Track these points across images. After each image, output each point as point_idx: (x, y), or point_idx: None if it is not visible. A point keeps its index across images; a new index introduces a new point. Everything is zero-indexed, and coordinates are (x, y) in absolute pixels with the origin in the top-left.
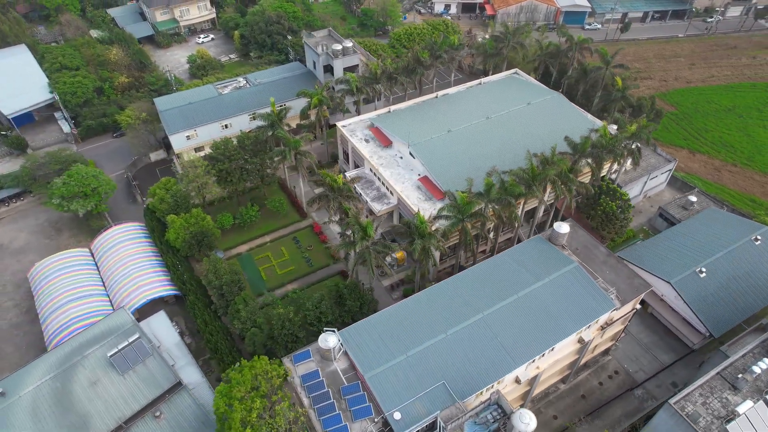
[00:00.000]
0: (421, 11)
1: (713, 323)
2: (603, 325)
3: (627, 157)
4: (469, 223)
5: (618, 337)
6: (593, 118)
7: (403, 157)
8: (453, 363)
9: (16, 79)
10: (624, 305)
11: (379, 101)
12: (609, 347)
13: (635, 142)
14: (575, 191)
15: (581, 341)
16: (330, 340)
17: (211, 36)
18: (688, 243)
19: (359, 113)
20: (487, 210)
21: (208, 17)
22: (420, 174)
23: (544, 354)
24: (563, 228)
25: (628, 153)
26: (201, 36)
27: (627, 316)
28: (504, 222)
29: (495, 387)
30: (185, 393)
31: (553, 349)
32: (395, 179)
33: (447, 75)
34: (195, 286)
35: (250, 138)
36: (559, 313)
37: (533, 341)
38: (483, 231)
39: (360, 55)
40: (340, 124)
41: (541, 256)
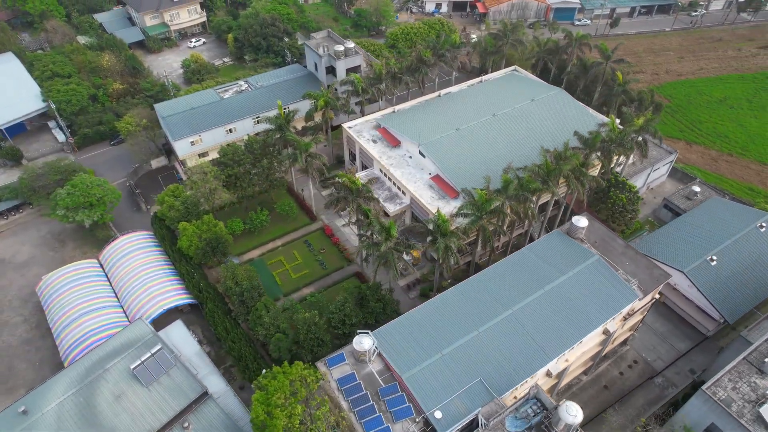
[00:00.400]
0: (413, 10)
1: (728, 310)
2: (625, 316)
3: (635, 150)
4: (487, 220)
5: (636, 327)
6: (595, 112)
7: (413, 157)
8: (487, 359)
9: (6, 88)
10: (646, 295)
11: (381, 101)
12: (627, 337)
13: (642, 135)
14: (588, 185)
15: (606, 332)
16: (365, 342)
17: (203, 40)
18: (696, 232)
19: (363, 114)
20: (505, 206)
21: (198, 21)
22: (431, 173)
23: (573, 347)
24: (582, 222)
25: (637, 146)
26: (192, 40)
27: (647, 306)
28: (521, 218)
29: (529, 381)
30: (212, 402)
31: (581, 342)
32: (407, 179)
33: (446, 74)
34: (212, 293)
35: (258, 142)
36: (586, 306)
37: (564, 334)
38: (502, 227)
39: (362, 56)
40: (346, 125)
41: (562, 250)
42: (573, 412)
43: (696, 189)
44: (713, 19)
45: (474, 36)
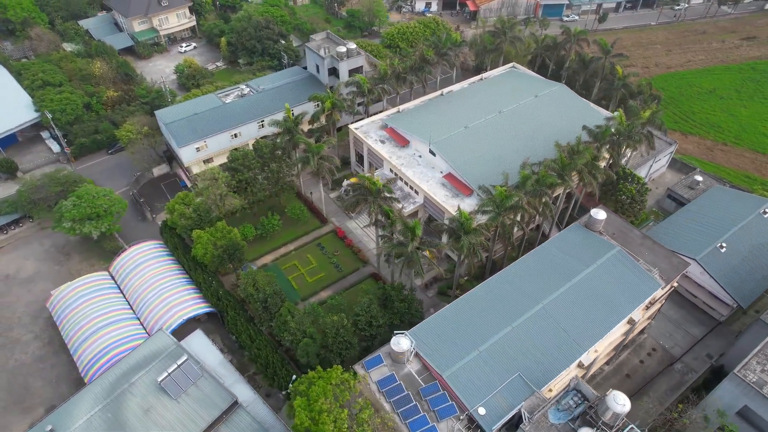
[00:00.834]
0: (403, 10)
1: (740, 295)
2: (647, 305)
3: (643, 143)
4: (506, 216)
5: (653, 316)
6: (596, 107)
7: (422, 156)
8: (524, 354)
9: None
10: (667, 284)
11: (384, 102)
12: (645, 326)
13: (647, 127)
14: (600, 179)
15: (630, 322)
16: (403, 342)
17: (193, 44)
18: (702, 221)
19: (368, 115)
20: (523, 202)
21: (188, 25)
22: (442, 171)
23: (604, 337)
24: (600, 214)
25: (645, 138)
26: (183, 45)
27: (666, 294)
28: (539, 213)
29: (564, 373)
30: (243, 411)
31: (610, 332)
32: (419, 178)
33: (443, 73)
34: (232, 301)
35: (268, 146)
36: (612, 296)
37: (594, 325)
38: (521, 223)
39: (364, 56)
40: (352, 126)
41: (584, 243)
42: (621, 401)
43: (698, 178)
44: (696, 13)
45: (467, 34)
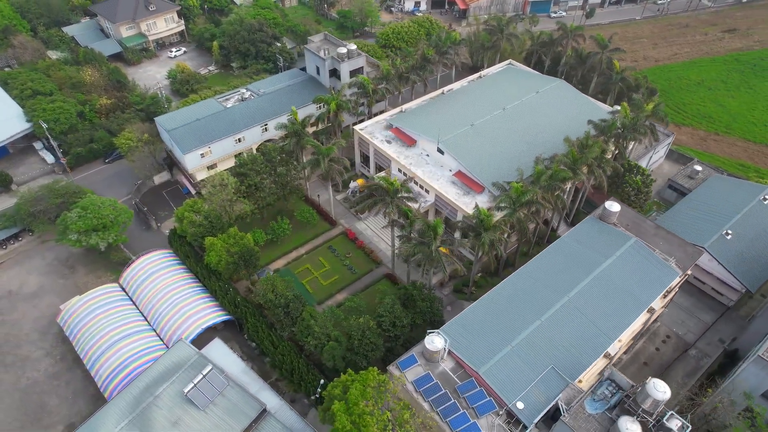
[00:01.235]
0: (393, 9)
1: (749, 280)
2: (665, 294)
3: (648, 135)
4: (522, 212)
5: (667, 304)
6: (596, 101)
7: (430, 155)
8: (555, 347)
9: None
10: (684, 272)
11: (386, 102)
12: (659, 314)
13: (650, 119)
14: (608, 171)
15: (650, 310)
16: (437, 341)
17: (183, 49)
18: (706, 209)
19: (371, 116)
20: (538, 197)
21: (176, 30)
22: (451, 170)
23: (629, 327)
24: (614, 207)
25: (649, 130)
26: (173, 50)
27: (680, 282)
28: (553, 207)
29: (595, 363)
30: (272, 419)
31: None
32: (429, 177)
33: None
34: (251, 308)
35: (276, 149)
36: (633, 287)
37: (619, 315)
38: (536, 217)
39: (365, 57)
40: (357, 127)
41: (600, 235)
42: (661, 388)
43: (698, 168)
44: (678, 6)
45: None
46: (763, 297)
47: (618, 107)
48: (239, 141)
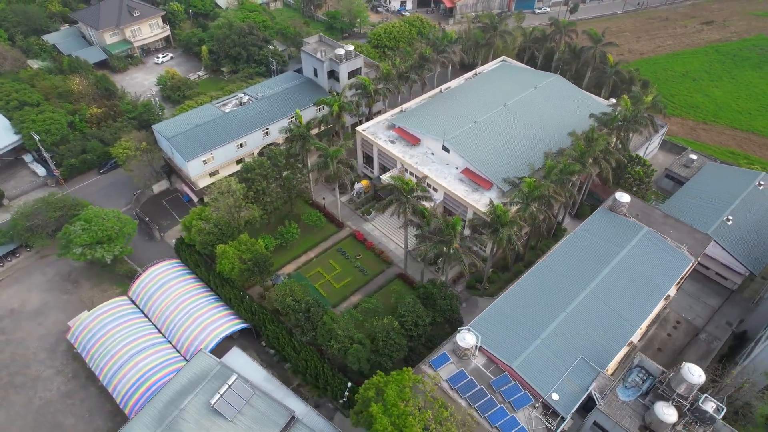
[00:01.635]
0: (379, 9)
1: (752, 263)
2: (678, 280)
3: (648, 126)
4: (534, 207)
5: (676, 290)
6: (590, 94)
7: (435, 153)
8: (582, 337)
9: None
10: (696, 258)
11: (386, 102)
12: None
13: (648, 111)
14: (613, 163)
15: (666, 297)
16: (468, 338)
17: (170, 55)
18: (705, 197)
19: (371, 116)
20: (550, 191)
21: (162, 35)
22: (458, 167)
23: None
24: (625, 198)
25: (649, 122)
26: (159, 56)
27: (690, 268)
28: (564, 201)
29: (623, 351)
30: (301, 426)
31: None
32: (436, 175)
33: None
34: (268, 314)
35: (282, 153)
36: (651, 275)
37: (640, 304)
38: (549, 211)
39: (363, 58)
40: (359, 128)
41: (613, 226)
42: (696, 372)
43: (693, 157)
44: (657, 0)
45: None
46: (764, 279)
47: (614, 100)
48: (241, 146)
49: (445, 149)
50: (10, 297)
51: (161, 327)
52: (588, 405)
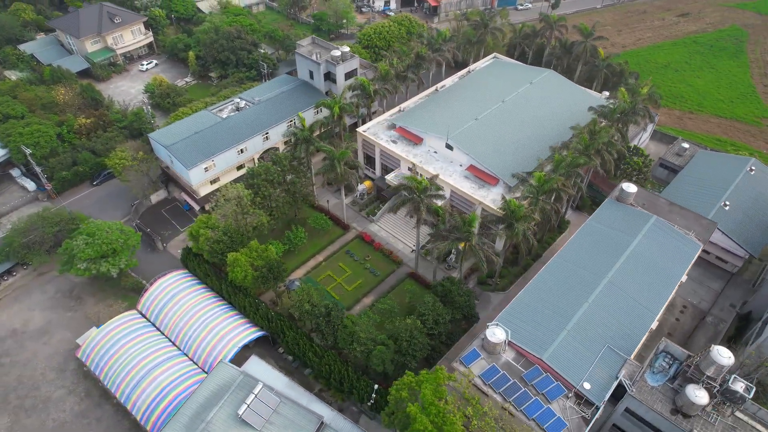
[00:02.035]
0: (363, 10)
1: (751, 246)
2: None
3: (646, 117)
4: (544, 200)
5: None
6: (584, 88)
7: (438, 152)
8: (606, 326)
9: None
10: (704, 244)
11: (384, 103)
12: None
13: (644, 102)
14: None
15: (679, 283)
16: (498, 333)
17: (154, 61)
18: (700, 184)
19: (370, 117)
20: (559, 184)
21: (144, 42)
22: (462, 164)
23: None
24: (631, 188)
25: (646, 113)
26: (144, 63)
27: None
28: (575, 193)
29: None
30: (330, 431)
31: None
32: (442, 174)
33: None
34: (286, 321)
35: (287, 157)
36: (664, 262)
37: (657, 291)
38: (559, 205)
39: (358, 59)
40: (360, 129)
41: (622, 216)
42: (726, 354)
43: (685, 146)
44: None
45: (434, 29)
46: (761, 261)
47: (607, 93)
48: (241, 152)
49: (449, 147)
50: (10, 317)
51: (175, 340)
52: (616, 392)
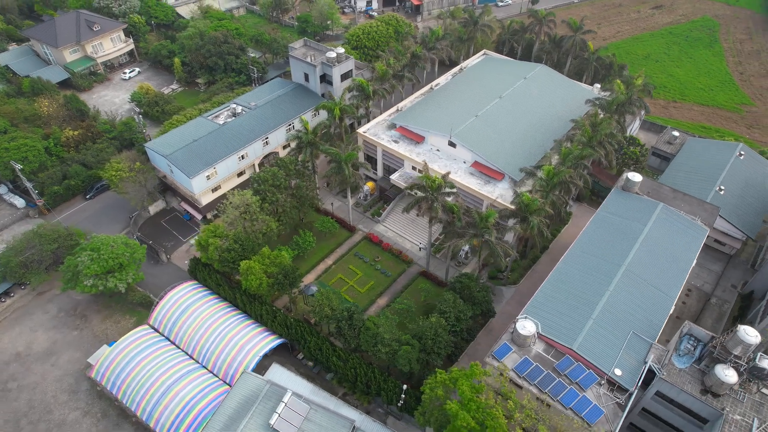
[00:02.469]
0: (345, 11)
1: (748, 228)
2: None
3: (642, 107)
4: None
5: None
6: (576, 82)
7: (441, 150)
8: (628, 313)
9: None
10: (710, 228)
11: (382, 102)
12: None
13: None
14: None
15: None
16: (528, 326)
17: (137, 69)
18: (694, 170)
19: (368, 118)
20: (567, 177)
21: (125, 49)
22: (466, 161)
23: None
24: (636, 177)
25: (642, 104)
26: (126, 71)
27: None
28: (583, 184)
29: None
30: None
31: None
32: (447, 171)
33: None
34: (306, 327)
35: (293, 161)
36: (676, 247)
37: (672, 275)
38: (567, 197)
39: (353, 60)
40: (361, 130)
41: (630, 205)
42: (752, 333)
43: (675, 134)
44: None
45: (421, 28)
46: (755, 241)
47: (598, 85)
48: (242, 158)
49: (452, 144)
50: (12, 340)
51: (192, 353)
52: (644, 377)
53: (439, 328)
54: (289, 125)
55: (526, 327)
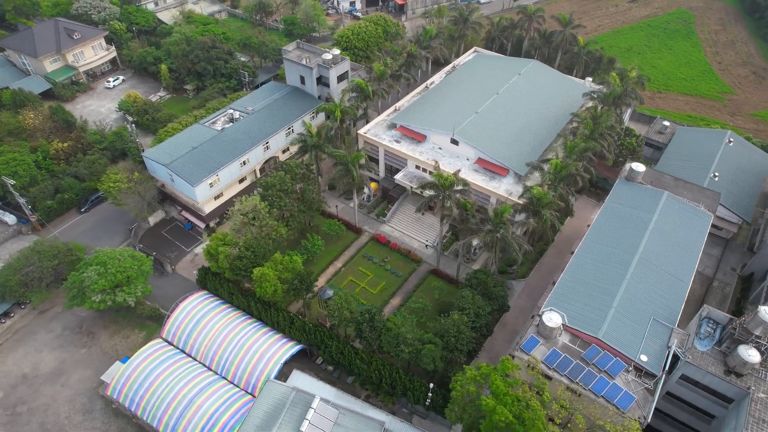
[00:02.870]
0: (329, 12)
1: (743, 212)
2: None
3: (637, 99)
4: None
5: None
6: (570, 76)
7: (443, 148)
8: (647, 299)
9: None
10: (713, 214)
11: (379, 103)
12: None
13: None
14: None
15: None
16: (554, 317)
17: (121, 77)
18: (687, 158)
19: (367, 120)
20: (573, 169)
21: (107, 57)
22: (469, 158)
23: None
24: (640, 167)
25: (636, 95)
26: (110, 79)
27: None
28: (590, 177)
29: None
30: None
31: None
32: (451, 169)
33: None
34: (326, 331)
35: (298, 165)
36: (684, 234)
37: (684, 261)
38: (572, 189)
39: (349, 61)
40: (361, 131)
41: (636, 194)
42: None
43: (666, 123)
44: None
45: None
46: (749, 225)
47: (589, 79)
48: (244, 164)
49: (454, 142)
50: (17, 362)
51: (210, 364)
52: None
53: (462, 324)
54: (289, 129)
55: (552, 319)
